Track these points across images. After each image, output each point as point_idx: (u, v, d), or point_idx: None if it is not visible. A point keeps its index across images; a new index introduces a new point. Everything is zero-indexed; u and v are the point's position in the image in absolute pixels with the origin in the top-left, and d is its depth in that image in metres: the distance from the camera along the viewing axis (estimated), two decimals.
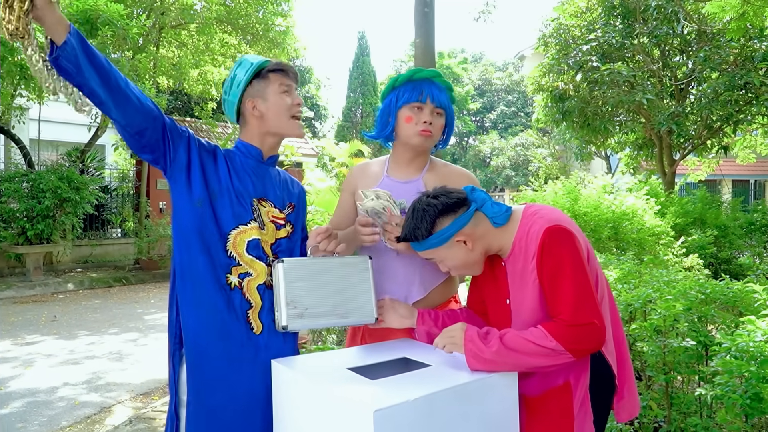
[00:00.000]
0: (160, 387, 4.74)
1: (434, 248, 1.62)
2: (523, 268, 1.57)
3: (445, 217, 1.61)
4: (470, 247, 1.61)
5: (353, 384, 1.44)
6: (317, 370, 1.59)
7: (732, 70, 8.87)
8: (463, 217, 1.61)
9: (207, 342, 1.67)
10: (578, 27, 10.51)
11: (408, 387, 1.40)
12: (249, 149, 1.84)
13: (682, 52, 10.28)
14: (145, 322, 7.24)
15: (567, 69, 10.31)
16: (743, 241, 8.71)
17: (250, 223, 1.76)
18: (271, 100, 1.80)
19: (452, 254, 1.62)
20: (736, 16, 6.72)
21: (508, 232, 1.62)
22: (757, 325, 1.81)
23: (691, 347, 2.06)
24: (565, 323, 1.44)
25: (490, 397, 1.48)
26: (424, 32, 6.35)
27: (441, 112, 1.98)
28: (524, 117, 28.91)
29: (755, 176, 23.30)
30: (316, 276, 1.74)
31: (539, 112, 12.02)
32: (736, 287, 2.27)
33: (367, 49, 25.00)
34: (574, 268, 1.47)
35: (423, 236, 1.61)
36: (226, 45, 12.79)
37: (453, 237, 1.60)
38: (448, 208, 1.61)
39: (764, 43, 8.61)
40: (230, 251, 1.71)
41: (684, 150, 11.01)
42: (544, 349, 1.43)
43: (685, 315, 2.19)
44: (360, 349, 1.81)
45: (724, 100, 9.03)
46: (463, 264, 1.64)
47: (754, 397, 1.64)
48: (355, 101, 24.43)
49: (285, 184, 1.94)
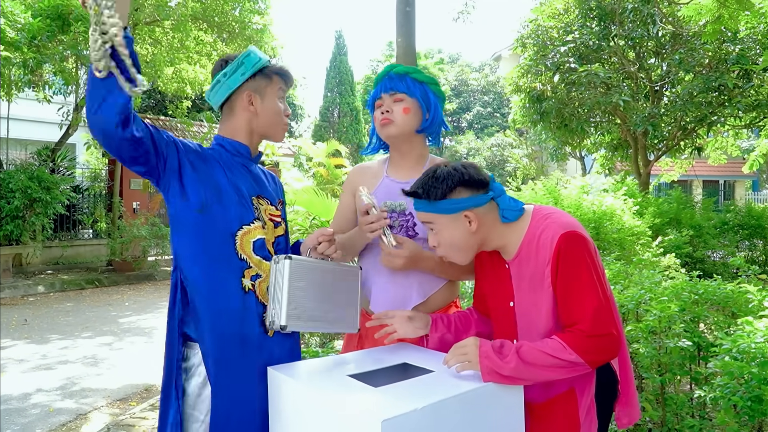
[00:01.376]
0: (137, 392, 4.61)
1: (439, 213, 1.55)
2: (534, 273, 1.52)
3: (464, 189, 1.55)
4: (473, 229, 1.54)
5: (357, 392, 1.38)
6: (317, 377, 1.54)
7: (706, 73, 9.03)
8: (480, 198, 1.55)
9: (230, 353, 1.59)
10: (556, 28, 10.60)
11: (414, 395, 1.35)
12: (237, 147, 1.76)
13: (657, 55, 10.43)
14: (119, 326, 7.08)
15: (545, 70, 10.38)
16: (717, 240, 8.86)
17: (253, 222, 1.70)
18: (268, 101, 1.76)
19: (452, 228, 1.56)
20: (712, 19, 6.82)
21: (515, 232, 1.57)
22: (755, 326, 1.81)
23: (686, 348, 2.05)
24: (584, 334, 1.39)
25: (496, 404, 1.44)
26: (405, 32, 6.30)
27: (401, 97, 1.93)
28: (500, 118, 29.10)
29: (725, 177, 23.82)
30: (315, 279, 1.68)
31: (516, 112, 12.10)
32: (729, 288, 2.28)
33: (345, 49, 24.88)
34: (592, 276, 1.43)
35: (436, 197, 1.54)
36: (201, 43, 12.58)
37: (463, 211, 1.54)
38: (471, 181, 1.55)
39: (738, 46, 8.77)
40: (240, 253, 1.65)
41: (659, 151, 11.18)
42: (562, 361, 1.38)
43: (679, 316, 2.18)
44: (358, 355, 1.76)
45: (698, 102, 9.19)
46: (456, 243, 1.57)
47: (755, 399, 1.63)
48: (333, 101, 24.29)
49: (269, 180, 1.90)
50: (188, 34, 11.86)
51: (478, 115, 30.10)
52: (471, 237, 1.56)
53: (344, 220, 2.08)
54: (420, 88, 1.95)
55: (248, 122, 1.76)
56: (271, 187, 1.87)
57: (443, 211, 1.54)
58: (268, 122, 1.77)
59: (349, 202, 2.10)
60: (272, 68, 1.77)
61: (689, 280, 2.39)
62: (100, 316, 7.68)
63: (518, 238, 1.56)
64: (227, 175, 1.70)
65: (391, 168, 2.03)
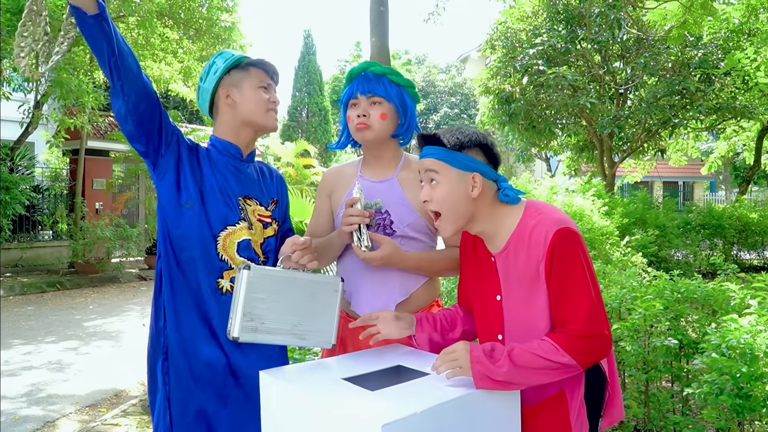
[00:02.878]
0: (107, 398, 4.48)
1: (448, 164, 1.49)
2: (525, 269, 1.48)
3: (480, 153, 1.52)
4: (474, 194, 1.48)
5: (354, 396, 1.36)
6: (311, 381, 1.50)
7: (669, 77, 9.27)
8: (490, 170, 1.52)
9: (197, 351, 1.55)
10: (524, 31, 10.74)
11: (412, 398, 1.33)
12: (227, 147, 1.75)
13: (622, 58, 10.66)
14: (84, 329, 6.88)
15: (513, 72, 10.50)
16: (680, 240, 9.10)
17: (238, 223, 1.68)
18: (246, 92, 1.72)
19: (454, 185, 1.49)
20: (677, 24, 7.01)
21: (506, 220, 1.52)
22: (739, 323, 1.85)
23: (673, 346, 2.09)
24: (577, 334, 1.38)
25: (493, 406, 1.43)
26: (379, 31, 6.29)
27: (379, 100, 1.88)
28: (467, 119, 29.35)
29: (684, 178, 24.52)
30: (281, 290, 1.60)
31: (485, 114, 12.20)
32: (711, 286, 2.33)
33: (313, 48, 24.74)
34: (585, 274, 1.41)
35: (452, 145, 1.49)
36: (167, 40, 12.32)
37: (472, 172, 1.49)
38: (489, 150, 1.52)
39: (700, 51, 9.02)
40: (221, 254, 1.63)
41: (623, 152, 11.43)
42: (554, 363, 1.37)
43: (663, 314, 2.22)
44: (349, 358, 1.73)
45: (662, 105, 9.43)
46: (451, 203, 1.50)
47: (743, 396, 1.66)
48: (301, 100, 24.12)
49: (264, 178, 1.86)
50: (154, 30, 11.59)
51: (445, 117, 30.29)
52: (467, 203, 1.50)
53: (320, 224, 2.03)
54: (397, 92, 1.91)
55: (231, 117, 1.73)
56: (266, 186, 1.84)
57: (454, 163, 1.49)
58: (248, 110, 1.73)
59: (324, 207, 2.05)
60: (248, 61, 1.75)
61: (670, 279, 2.43)
62: (63, 319, 7.45)
63: (508, 229, 1.52)
64: (215, 174, 1.68)
65: (365, 168, 2.00)
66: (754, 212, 10.30)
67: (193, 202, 1.61)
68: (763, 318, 1.87)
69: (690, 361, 2.32)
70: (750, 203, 11.65)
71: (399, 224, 1.88)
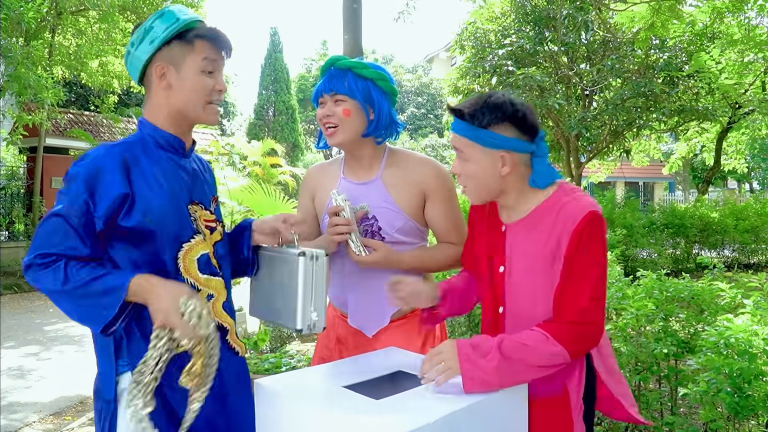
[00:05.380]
0: (72, 405, 4.30)
1: (475, 142, 1.40)
2: (544, 243, 1.41)
3: (512, 127, 1.40)
4: (503, 172, 1.41)
5: (360, 406, 1.29)
6: (312, 390, 1.43)
7: (635, 79, 9.44)
8: (523, 144, 1.42)
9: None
10: (493, 32, 10.80)
11: (421, 407, 1.28)
12: (170, 141, 1.46)
13: (589, 60, 10.82)
14: (45, 334, 6.62)
15: (483, 72, 10.55)
16: (646, 239, 9.28)
17: (193, 237, 1.44)
18: (187, 73, 1.41)
19: (482, 163, 1.41)
20: (645, 26, 7.12)
21: (535, 197, 1.46)
22: (733, 322, 1.85)
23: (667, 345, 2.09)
24: (567, 319, 1.35)
25: (502, 408, 1.39)
26: (352, 28, 6.23)
27: (343, 97, 1.76)
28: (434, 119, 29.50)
29: (644, 179, 25.13)
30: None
31: None
32: (700, 285, 2.34)
33: (280, 46, 24.46)
34: (601, 263, 1.38)
35: (480, 123, 1.39)
36: (129, 35, 11.98)
37: (501, 150, 1.40)
38: (522, 122, 1.41)
39: (665, 54, 9.22)
40: (185, 278, 1.41)
41: (589, 153, 11.60)
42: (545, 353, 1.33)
43: (654, 313, 2.22)
44: (346, 364, 1.66)
45: (628, 107, 9.59)
46: (479, 180, 1.43)
47: (741, 395, 1.66)
48: (268, 99, 23.82)
49: (201, 172, 1.58)
50: (115, 25, 11.29)
51: (412, 116, 30.38)
52: (497, 180, 1.43)
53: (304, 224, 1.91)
54: (362, 87, 1.77)
55: (165, 102, 1.43)
56: (206, 183, 1.58)
57: (480, 142, 1.40)
58: (184, 100, 1.42)
59: (307, 206, 1.97)
60: (196, 31, 1.41)
61: (657, 279, 2.44)
62: (22, 324, 7.16)
63: (533, 203, 1.46)
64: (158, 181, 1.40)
65: (347, 169, 1.91)
66: (715, 212, 10.57)
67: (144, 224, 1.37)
68: (757, 317, 1.87)
69: (679, 360, 2.33)
70: (711, 203, 11.96)
71: (388, 229, 1.80)
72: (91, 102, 15.20)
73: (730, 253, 10.59)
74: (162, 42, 1.39)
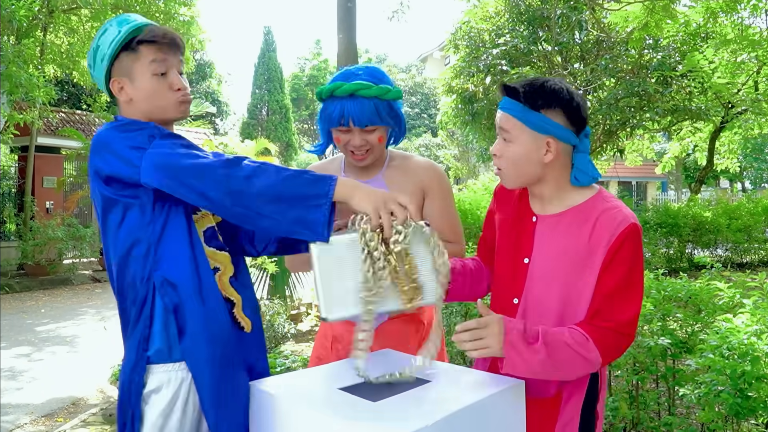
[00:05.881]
0: (64, 407, 4.26)
1: (524, 124, 1.37)
2: (577, 244, 1.39)
3: (563, 114, 1.37)
4: (546, 159, 1.38)
5: (358, 409, 1.27)
6: (307, 392, 1.41)
7: (629, 78, 9.46)
8: (570, 134, 1.39)
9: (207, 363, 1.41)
10: (488, 31, 10.80)
11: (419, 410, 1.26)
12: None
13: (582, 60, 10.83)
14: (37, 334, 6.57)
15: (477, 72, 10.55)
16: None
17: (200, 209, 1.46)
18: (140, 83, 1.42)
19: (527, 147, 1.38)
20: (639, 26, 7.12)
21: (571, 194, 1.43)
22: (733, 322, 1.84)
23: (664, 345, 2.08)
24: (616, 328, 1.33)
25: (502, 409, 1.38)
26: (346, 27, 6.21)
27: (373, 128, 1.77)
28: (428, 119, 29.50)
29: (637, 178, 25.19)
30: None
31: (447, 113, 12.22)
32: (698, 285, 2.33)
33: (273, 45, 24.39)
34: (642, 276, 1.37)
35: (533, 105, 1.36)
36: None
37: (549, 135, 1.37)
38: (575, 111, 1.38)
39: (659, 53, 9.23)
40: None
41: None
42: (580, 356, 1.31)
43: (652, 313, 2.21)
44: (340, 365, 1.64)
45: (622, 106, 9.62)
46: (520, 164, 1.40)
47: (743, 396, 1.65)
48: (261, 98, 23.74)
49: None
50: None
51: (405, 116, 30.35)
52: (536, 167, 1.40)
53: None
54: (388, 111, 1.78)
55: (133, 111, 1.45)
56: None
57: (530, 124, 1.36)
58: (147, 107, 1.43)
59: None
60: (139, 37, 1.40)
61: (654, 278, 2.43)
62: (13, 324, 7.10)
63: (570, 201, 1.43)
64: None
65: (348, 168, 1.91)
66: (708, 211, 10.62)
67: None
68: (756, 317, 1.87)
69: (676, 360, 2.32)
70: (704, 203, 12.01)
71: None
72: (83, 101, 15.08)
73: (723, 252, 10.64)
74: (111, 58, 1.41)
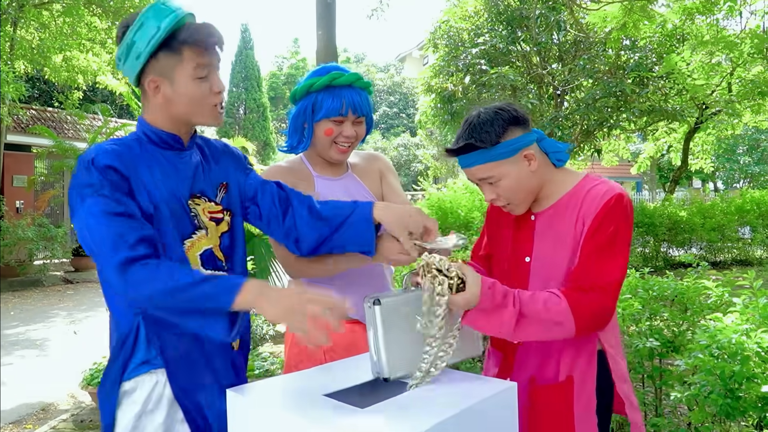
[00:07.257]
0: (33, 413, 4.11)
1: (498, 160, 1.40)
2: (570, 226, 1.42)
3: (516, 127, 1.41)
4: (533, 168, 1.42)
5: (346, 416, 1.21)
6: (290, 399, 1.34)
7: (606, 79, 9.53)
8: (531, 135, 1.44)
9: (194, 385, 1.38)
10: (467, 30, 10.80)
11: (409, 416, 1.20)
12: (163, 138, 1.42)
13: (560, 60, 10.89)
14: (5, 338, 6.37)
15: (456, 71, 10.55)
16: None
17: (195, 233, 1.42)
18: (181, 86, 1.37)
19: (514, 172, 1.42)
20: (617, 26, 7.17)
21: (564, 182, 1.48)
22: (723, 321, 1.82)
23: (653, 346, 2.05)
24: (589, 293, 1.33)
25: (493, 413, 1.33)
26: (326, 24, 6.14)
27: (361, 119, 1.79)
28: (406, 118, 29.51)
29: (614, 178, 25.42)
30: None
31: (426, 113, 12.19)
32: (685, 284, 2.31)
33: (251, 43, 24.16)
34: (626, 245, 1.38)
35: (492, 142, 1.39)
36: (94, 29, 11.67)
37: (522, 150, 1.41)
38: (519, 118, 1.42)
39: (636, 54, 9.32)
40: None
41: None
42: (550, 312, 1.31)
43: (640, 313, 2.18)
44: (324, 370, 1.57)
45: (599, 107, 9.69)
46: (519, 189, 1.44)
47: (733, 397, 1.62)
48: (238, 96, 23.51)
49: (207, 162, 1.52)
50: (80, 19, 10.98)
51: (384, 116, 30.34)
52: (532, 178, 1.44)
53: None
54: (369, 103, 1.81)
55: (164, 111, 1.40)
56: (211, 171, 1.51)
57: (503, 156, 1.40)
58: (186, 111, 1.39)
59: None
60: (181, 37, 1.35)
61: (640, 277, 2.41)
62: None
63: (562, 190, 1.48)
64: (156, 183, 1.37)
65: (316, 167, 1.87)
66: (683, 211, 10.74)
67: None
68: (746, 316, 1.85)
69: (663, 360, 2.30)
70: (678, 202, 12.16)
71: None
72: (54, 98, 14.76)
73: (698, 251, 10.77)
74: (147, 57, 1.35)
